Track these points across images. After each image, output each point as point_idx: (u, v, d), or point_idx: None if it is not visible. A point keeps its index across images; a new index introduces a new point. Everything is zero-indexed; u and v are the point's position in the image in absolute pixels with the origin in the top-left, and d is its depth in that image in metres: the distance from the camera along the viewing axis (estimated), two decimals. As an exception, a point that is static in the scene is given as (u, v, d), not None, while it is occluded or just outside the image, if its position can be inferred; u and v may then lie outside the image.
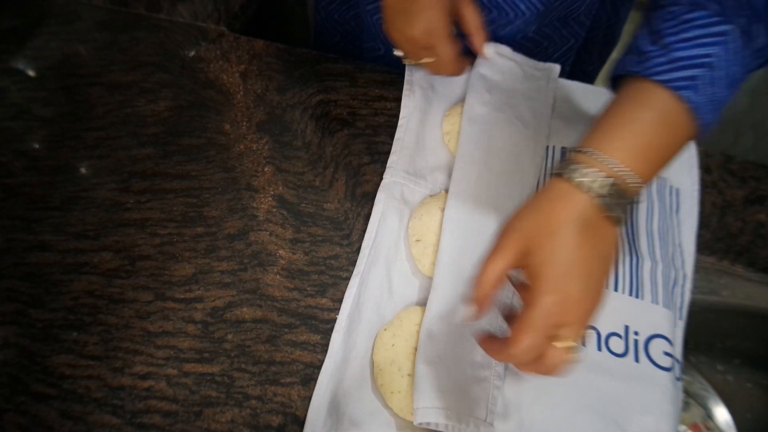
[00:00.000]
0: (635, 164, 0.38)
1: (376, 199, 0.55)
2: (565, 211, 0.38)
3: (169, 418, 0.46)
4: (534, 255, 0.38)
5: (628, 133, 0.39)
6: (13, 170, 0.59)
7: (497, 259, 0.40)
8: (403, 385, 0.46)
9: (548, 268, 0.37)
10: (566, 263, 0.37)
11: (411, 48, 0.54)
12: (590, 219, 0.38)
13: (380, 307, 0.50)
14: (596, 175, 0.38)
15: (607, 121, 0.40)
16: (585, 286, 0.37)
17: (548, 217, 0.39)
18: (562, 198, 0.39)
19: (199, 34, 0.68)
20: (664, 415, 0.45)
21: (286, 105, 0.63)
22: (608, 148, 0.38)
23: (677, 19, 0.39)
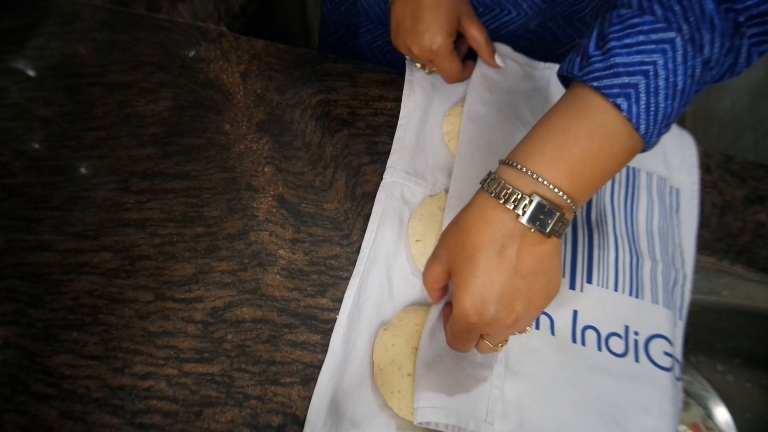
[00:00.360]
0: (563, 180, 0.37)
1: (376, 199, 0.55)
2: (484, 233, 0.38)
3: (169, 418, 0.46)
4: (453, 275, 0.40)
5: (559, 146, 0.37)
6: (13, 170, 0.59)
7: (432, 265, 0.43)
8: (403, 385, 0.46)
9: (463, 293, 0.38)
10: (480, 288, 0.38)
11: (418, 59, 0.58)
12: (512, 238, 0.37)
13: (380, 307, 0.50)
14: (518, 192, 0.37)
15: (540, 131, 0.38)
16: (503, 306, 0.38)
17: (467, 239, 0.39)
18: (482, 217, 0.38)
19: (199, 34, 0.68)
20: (664, 415, 0.45)
21: (286, 105, 0.63)
22: (535, 161, 0.37)
23: (624, 23, 0.36)
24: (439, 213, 0.53)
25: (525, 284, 0.38)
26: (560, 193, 0.37)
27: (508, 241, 0.37)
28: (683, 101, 0.36)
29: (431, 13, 0.53)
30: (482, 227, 0.38)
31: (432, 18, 0.53)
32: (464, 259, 0.39)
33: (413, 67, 0.61)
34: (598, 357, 0.47)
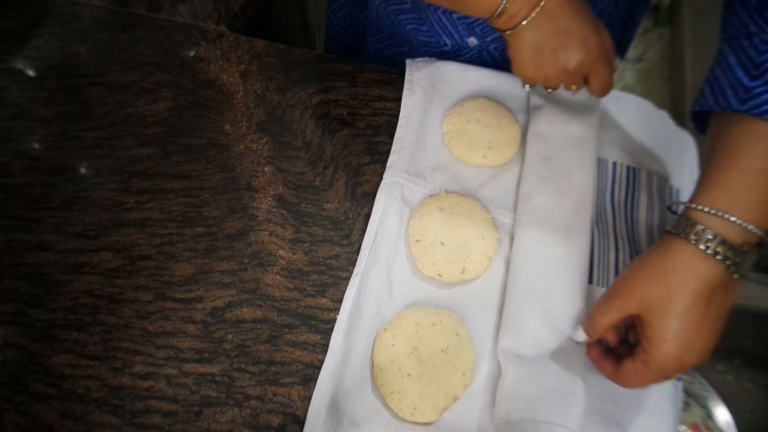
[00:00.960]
0: (759, 218, 0.36)
1: (376, 199, 0.55)
2: (690, 286, 0.37)
3: (169, 418, 0.46)
4: (652, 326, 0.39)
5: (747, 186, 0.36)
6: (13, 170, 0.59)
7: (609, 314, 0.41)
8: (403, 385, 0.46)
9: (668, 344, 0.38)
10: (686, 341, 0.38)
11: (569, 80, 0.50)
12: (720, 287, 0.37)
13: (380, 307, 0.50)
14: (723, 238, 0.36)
15: (720, 172, 0.38)
16: (700, 351, 0.38)
17: (670, 291, 0.38)
18: (684, 268, 0.38)
19: (199, 34, 0.68)
20: (664, 415, 0.45)
21: (286, 105, 0.63)
22: (730, 205, 0.36)
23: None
24: (439, 213, 0.53)
25: (715, 327, 0.38)
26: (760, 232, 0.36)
27: (717, 290, 0.37)
28: None
29: (578, 23, 0.47)
30: (690, 282, 0.37)
31: (582, 28, 0.47)
32: (668, 314, 0.38)
33: (413, 67, 0.61)
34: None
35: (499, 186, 0.56)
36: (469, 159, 0.57)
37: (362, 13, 0.70)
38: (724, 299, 0.38)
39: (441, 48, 0.64)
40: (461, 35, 0.62)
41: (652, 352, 0.39)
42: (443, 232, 0.52)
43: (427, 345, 0.47)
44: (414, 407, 0.45)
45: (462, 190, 0.56)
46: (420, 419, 0.45)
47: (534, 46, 0.48)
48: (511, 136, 0.58)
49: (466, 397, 0.46)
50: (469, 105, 0.59)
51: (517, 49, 0.49)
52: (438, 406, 0.45)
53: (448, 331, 0.48)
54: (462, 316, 0.49)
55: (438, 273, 0.51)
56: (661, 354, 0.38)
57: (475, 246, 0.51)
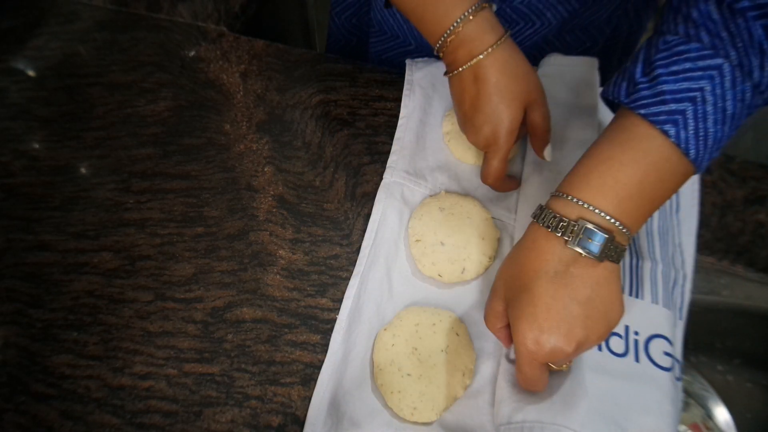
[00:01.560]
0: (609, 205, 0.37)
1: (376, 199, 0.55)
2: (538, 262, 0.39)
3: (169, 418, 0.46)
4: (510, 308, 0.40)
5: (603, 174, 0.38)
6: (13, 170, 0.59)
7: (492, 301, 0.43)
8: (403, 385, 0.46)
9: (521, 323, 0.39)
10: (537, 317, 0.38)
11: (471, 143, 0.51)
12: (563, 263, 0.38)
13: (380, 307, 0.50)
14: (566, 219, 0.38)
15: (586, 161, 0.39)
16: (562, 333, 0.38)
17: (521, 269, 0.40)
18: (535, 247, 0.39)
19: (199, 34, 0.68)
20: (664, 415, 0.45)
21: (286, 105, 0.63)
22: (581, 190, 0.38)
23: (671, 50, 0.37)
24: (438, 213, 0.53)
25: (582, 311, 0.38)
26: (608, 218, 0.37)
27: (560, 267, 0.38)
28: (734, 125, 0.36)
29: (492, 106, 0.46)
30: (534, 256, 0.39)
31: (492, 112, 0.46)
32: (519, 289, 0.39)
33: (413, 67, 0.61)
34: (598, 357, 0.47)
35: (499, 186, 0.56)
36: (469, 159, 0.57)
37: (367, 15, 0.70)
38: (584, 280, 0.38)
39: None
40: None
41: (514, 337, 0.40)
42: (443, 232, 0.52)
43: (427, 345, 0.47)
44: (414, 407, 0.45)
45: (462, 190, 0.56)
46: (420, 419, 0.45)
47: (455, 98, 0.49)
48: (511, 136, 0.58)
49: (466, 397, 0.46)
50: (469, 105, 0.59)
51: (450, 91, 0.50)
52: (438, 406, 0.45)
53: (448, 331, 0.48)
54: (462, 316, 0.49)
55: (438, 273, 0.51)
56: (518, 336, 0.39)
57: (475, 246, 0.51)
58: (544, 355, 0.39)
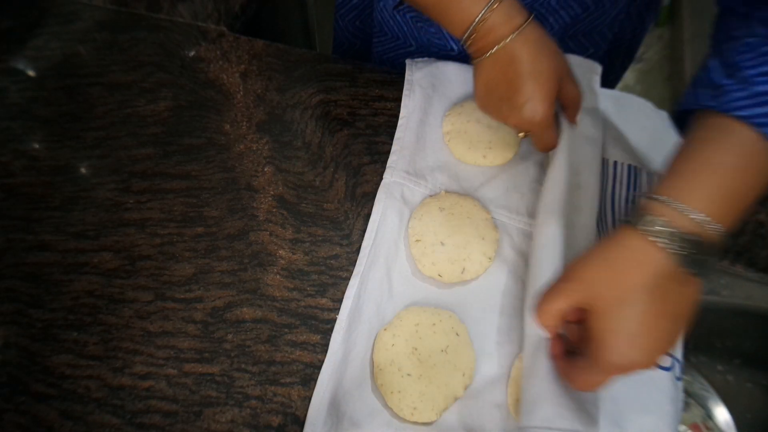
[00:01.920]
0: (717, 212, 0.35)
1: (376, 199, 0.55)
2: (638, 274, 0.36)
3: (169, 418, 0.46)
4: (599, 318, 0.38)
5: (707, 179, 0.36)
6: (13, 170, 0.59)
7: (558, 299, 0.40)
8: (403, 385, 0.46)
9: (614, 339, 0.37)
10: (633, 334, 0.36)
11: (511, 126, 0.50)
12: (665, 278, 0.36)
13: (380, 307, 0.50)
14: (674, 229, 0.36)
15: (683, 165, 0.38)
16: (650, 351, 0.37)
17: (618, 278, 0.37)
18: (635, 255, 0.37)
19: (199, 34, 0.68)
20: (664, 415, 0.45)
21: (286, 105, 0.63)
22: (687, 196, 0.36)
23: (755, 51, 0.36)
24: (438, 213, 0.53)
25: (670, 327, 0.37)
26: (717, 228, 0.36)
27: (660, 281, 0.36)
28: None
29: (531, 82, 0.45)
30: (635, 267, 0.37)
31: (532, 87, 0.45)
32: (616, 300, 0.37)
33: (413, 67, 0.61)
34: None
35: (499, 186, 0.56)
36: (469, 159, 0.57)
37: (371, 17, 0.70)
38: (676, 297, 0.37)
39: (448, 53, 0.64)
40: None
41: (597, 345, 0.38)
42: (443, 232, 0.52)
43: (427, 345, 0.47)
44: (414, 407, 0.45)
45: (462, 190, 0.56)
46: (420, 419, 0.45)
47: (486, 85, 0.48)
48: (511, 136, 0.58)
49: (466, 397, 0.46)
50: (469, 105, 0.59)
51: (475, 80, 0.49)
52: (438, 406, 0.45)
53: (448, 331, 0.48)
54: (462, 316, 0.49)
55: (438, 273, 0.51)
56: (606, 349, 0.37)
57: (475, 246, 0.51)
58: (625, 369, 0.37)
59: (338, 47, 0.79)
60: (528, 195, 0.55)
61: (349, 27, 0.75)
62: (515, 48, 0.45)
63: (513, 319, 0.49)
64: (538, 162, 0.57)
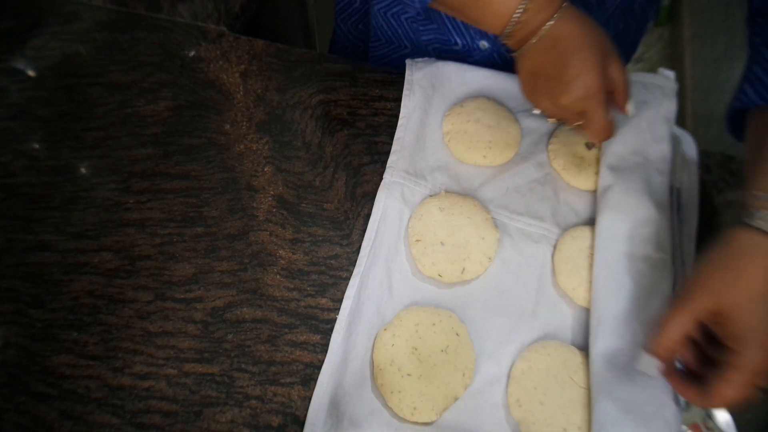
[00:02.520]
0: None
1: (376, 199, 0.55)
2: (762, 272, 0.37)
3: (169, 418, 0.46)
4: (733, 319, 0.37)
5: None
6: (13, 170, 0.59)
7: (681, 317, 0.39)
8: (403, 385, 0.46)
9: (756, 335, 0.36)
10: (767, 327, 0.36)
11: (562, 114, 0.48)
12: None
13: (380, 307, 0.50)
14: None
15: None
16: None
17: (744, 277, 0.37)
18: (756, 252, 0.37)
19: (199, 34, 0.68)
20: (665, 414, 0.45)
21: (286, 105, 0.63)
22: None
23: None
24: (438, 213, 0.53)
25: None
26: None
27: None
28: None
29: (579, 55, 0.44)
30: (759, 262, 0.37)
31: (581, 61, 0.44)
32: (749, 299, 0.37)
33: (413, 67, 0.61)
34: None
35: (499, 186, 0.56)
36: (469, 159, 0.57)
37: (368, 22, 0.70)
38: None
39: (451, 47, 0.64)
40: (473, 37, 0.62)
41: (741, 350, 0.37)
42: (443, 232, 0.52)
43: (427, 345, 0.47)
44: (414, 407, 0.45)
45: (462, 190, 0.56)
46: (420, 419, 0.45)
47: (532, 71, 0.47)
48: (511, 136, 0.58)
49: (466, 397, 0.46)
50: (469, 105, 0.59)
51: (519, 71, 0.49)
52: (438, 406, 0.45)
53: (448, 331, 0.48)
54: (462, 316, 0.49)
55: (438, 273, 0.51)
56: (751, 348, 0.36)
57: (475, 246, 0.51)
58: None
59: (338, 52, 0.79)
60: (528, 195, 0.55)
61: (352, 30, 0.75)
62: (558, 29, 0.45)
63: (513, 319, 0.49)
64: (538, 162, 0.57)
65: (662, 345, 0.39)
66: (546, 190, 0.55)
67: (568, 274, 0.51)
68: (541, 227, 0.53)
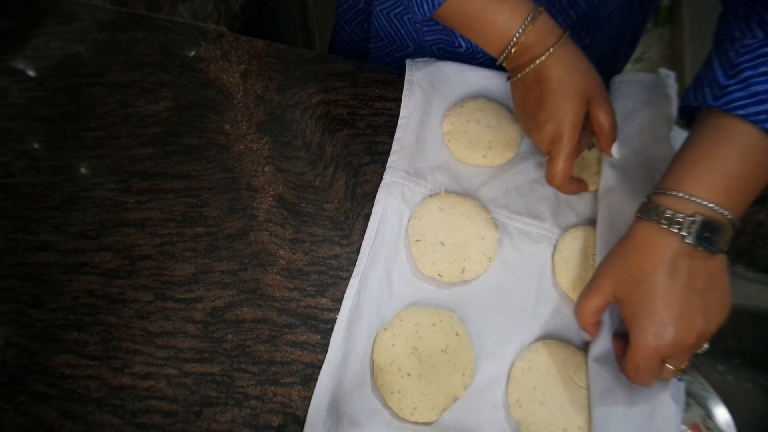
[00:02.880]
0: (721, 198, 0.39)
1: (376, 199, 0.55)
2: (654, 258, 0.40)
3: (169, 418, 0.46)
4: (625, 304, 0.42)
5: (710, 169, 0.39)
6: (13, 170, 0.59)
7: (591, 298, 0.44)
8: (403, 385, 0.46)
9: (641, 319, 0.40)
10: (658, 311, 0.39)
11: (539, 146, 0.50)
12: (684, 257, 0.39)
13: (380, 307, 0.50)
14: (681, 215, 0.39)
15: (687, 159, 0.41)
16: (683, 326, 0.39)
17: (635, 266, 0.41)
18: (649, 244, 0.40)
19: (199, 34, 0.68)
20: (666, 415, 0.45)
21: (286, 105, 0.63)
22: (691, 186, 0.39)
23: (754, 53, 0.39)
24: (438, 213, 0.53)
25: (701, 301, 0.39)
26: (721, 211, 0.39)
27: (679, 261, 0.39)
28: None
29: (555, 101, 0.46)
30: (649, 253, 0.40)
31: (555, 106, 0.46)
32: (635, 286, 0.40)
33: (413, 67, 0.61)
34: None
35: (499, 186, 0.56)
36: (469, 159, 0.57)
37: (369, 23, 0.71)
38: (702, 273, 0.39)
39: (455, 49, 0.64)
40: None
41: (632, 333, 0.40)
42: (443, 232, 0.52)
43: (427, 345, 0.47)
44: (414, 407, 0.45)
45: (462, 190, 0.56)
46: (420, 419, 0.45)
47: (519, 102, 0.50)
48: (511, 136, 0.58)
49: (466, 397, 0.46)
50: (469, 105, 0.59)
51: (512, 97, 0.51)
52: (438, 406, 0.45)
53: (448, 331, 0.48)
54: (462, 316, 0.49)
55: (438, 273, 0.51)
56: (638, 331, 0.40)
57: (475, 246, 0.51)
58: (665, 349, 0.39)
59: (340, 53, 0.79)
60: (528, 195, 0.55)
61: (356, 31, 0.75)
62: (546, 67, 0.46)
63: (513, 319, 0.49)
64: (538, 162, 0.57)
65: (580, 320, 0.45)
66: (546, 190, 0.56)
67: (568, 274, 0.51)
68: (541, 227, 0.53)
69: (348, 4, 0.73)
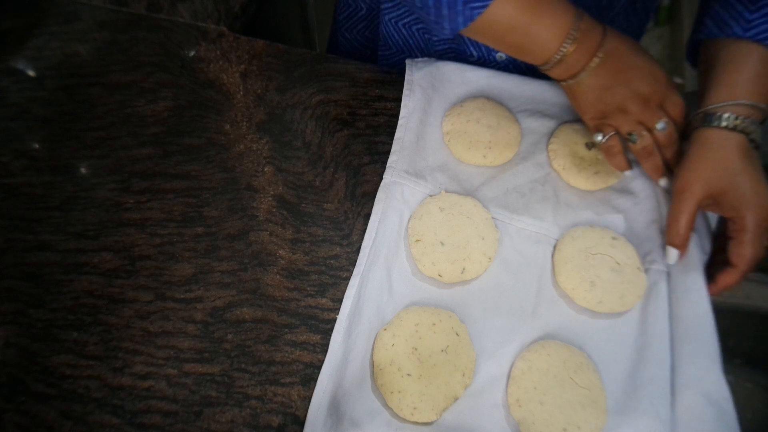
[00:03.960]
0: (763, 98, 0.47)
1: (376, 199, 0.55)
2: (734, 155, 0.47)
3: (169, 418, 0.46)
4: (727, 194, 0.47)
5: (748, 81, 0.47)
6: (13, 170, 0.59)
7: (686, 207, 0.48)
8: (403, 385, 0.46)
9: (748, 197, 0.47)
10: (752, 191, 0.47)
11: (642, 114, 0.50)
12: (747, 150, 0.47)
13: (380, 307, 0.50)
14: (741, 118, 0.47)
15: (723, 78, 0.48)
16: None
17: (720, 164, 0.47)
18: (724, 145, 0.47)
19: (199, 34, 0.68)
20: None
21: (286, 105, 0.63)
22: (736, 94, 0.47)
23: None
24: (438, 213, 0.53)
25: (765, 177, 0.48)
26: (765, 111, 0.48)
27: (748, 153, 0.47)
28: None
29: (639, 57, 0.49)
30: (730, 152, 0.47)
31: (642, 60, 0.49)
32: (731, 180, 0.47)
33: (413, 67, 0.61)
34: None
35: (499, 186, 0.56)
36: (469, 159, 0.57)
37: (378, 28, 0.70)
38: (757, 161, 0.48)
39: (466, 57, 0.64)
40: (489, 48, 0.62)
41: (743, 213, 0.47)
42: (443, 232, 0.52)
43: (427, 345, 0.47)
44: (414, 407, 0.45)
45: (462, 190, 0.56)
46: (420, 419, 0.45)
47: (601, 86, 0.50)
48: (511, 136, 0.58)
49: (466, 397, 0.46)
50: (469, 105, 0.59)
51: (581, 95, 0.51)
52: (438, 406, 0.45)
53: (448, 331, 0.48)
54: (462, 316, 0.49)
55: (438, 273, 0.51)
56: (749, 208, 0.46)
57: (475, 246, 0.51)
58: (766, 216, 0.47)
59: (342, 51, 0.79)
60: (528, 195, 0.55)
61: (358, 38, 0.75)
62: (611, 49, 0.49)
63: (513, 319, 0.49)
64: (538, 162, 0.57)
65: (678, 234, 0.49)
66: (546, 190, 0.56)
67: (568, 274, 0.51)
68: (541, 227, 0.54)
69: (349, 12, 0.73)
